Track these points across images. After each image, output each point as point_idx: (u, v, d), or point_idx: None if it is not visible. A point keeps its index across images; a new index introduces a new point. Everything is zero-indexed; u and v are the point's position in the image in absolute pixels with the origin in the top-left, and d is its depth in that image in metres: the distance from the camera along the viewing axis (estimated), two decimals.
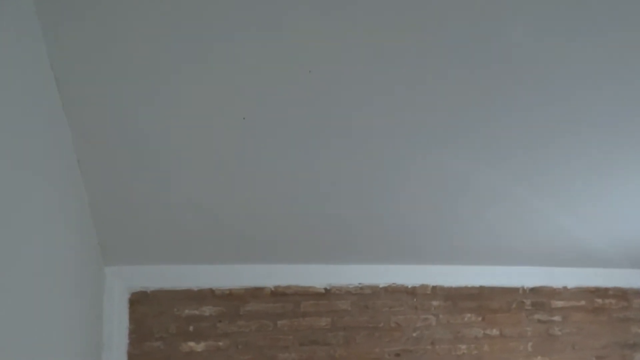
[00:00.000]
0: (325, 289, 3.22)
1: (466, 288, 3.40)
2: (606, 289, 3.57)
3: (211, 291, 3.05)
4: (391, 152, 2.20)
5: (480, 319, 3.38)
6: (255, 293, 3.08)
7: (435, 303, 3.35)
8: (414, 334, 3.27)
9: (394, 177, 2.43)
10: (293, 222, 2.72)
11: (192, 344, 2.97)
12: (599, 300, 3.57)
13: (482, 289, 3.43)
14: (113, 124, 1.83)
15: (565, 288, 3.59)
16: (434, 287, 3.37)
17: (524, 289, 3.49)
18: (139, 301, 2.93)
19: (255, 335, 3.07)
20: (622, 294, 3.60)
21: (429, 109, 1.99)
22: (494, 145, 2.21)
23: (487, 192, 2.59)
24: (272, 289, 3.15)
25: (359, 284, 3.27)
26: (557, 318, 3.55)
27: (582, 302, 3.54)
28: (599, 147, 2.32)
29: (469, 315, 3.36)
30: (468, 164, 2.34)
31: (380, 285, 3.28)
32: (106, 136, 1.88)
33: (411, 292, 3.35)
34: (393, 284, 3.28)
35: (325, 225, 2.79)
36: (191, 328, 2.97)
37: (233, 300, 3.04)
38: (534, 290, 3.54)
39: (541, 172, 2.46)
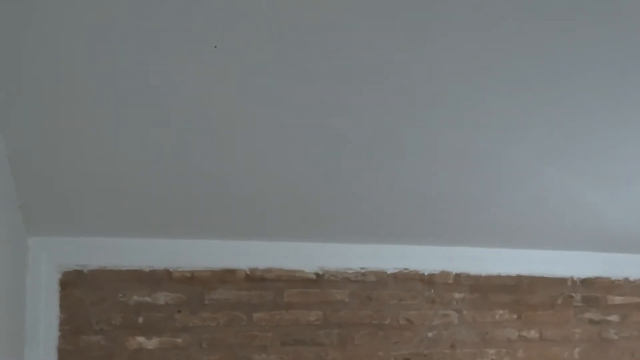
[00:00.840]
0: (317, 273, 3.03)
1: (499, 277, 3.27)
2: None
3: (167, 273, 2.89)
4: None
5: (515, 316, 3.28)
6: (225, 277, 2.91)
7: (458, 295, 3.20)
8: (430, 335, 3.15)
9: (411, 142, 2.40)
10: (275, 187, 2.56)
11: (141, 339, 2.83)
12: None
13: (519, 279, 3.31)
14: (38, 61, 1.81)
15: (626, 280, 3.49)
16: (457, 275, 3.21)
17: (573, 280, 3.41)
18: (73, 283, 2.78)
19: (224, 331, 2.92)
20: None
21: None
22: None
23: (526, 162, 2.62)
24: (247, 272, 2.96)
25: (361, 268, 3.09)
26: (613, 318, 3.46)
27: None
28: None
29: (501, 311, 3.26)
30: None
31: (388, 271, 3.10)
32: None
33: (428, 280, 3.18)
34: (404, 269, 3.12)
35: (319, 192, 2.63)
36: (141, 319, 2.83)
37: (196, 285, 2.88)
38: (586, 282, 3.43)
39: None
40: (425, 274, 3.24)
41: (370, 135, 2.36)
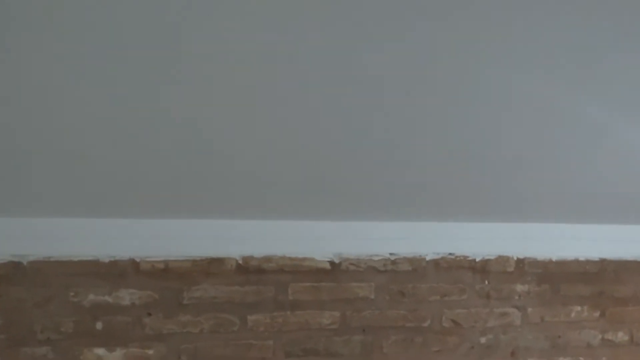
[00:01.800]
0: (332, 262, 2.58)
1: (577, 262, 2.91)
2: None
3: (133, 264, 2.44)
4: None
5: (597, 314, 2.95)
6: (210, 268, 2.48)
7: (521, 288, 2.80)
8: (483, 340, 2.77)
9: (468, 91, 1.99)
10: (275, 146, 2.11)
11: (100, 351, 2.39)
12: None
13: (603, 263, 2.95)
14: None
15: None
16: (519, 261, 2.82)
17: None
18: (9, 279, 2.36)
19: (210, 339, 2.48)
20: None
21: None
22: None
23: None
24: (240, 262, 2.50)
25: (390, 254, 2.64)
26: None
27: None
28: None
29: (578, 308, 2.90)
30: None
31: (427, 257, 2.68)
32: None
33: (480, 268, 2.75)
34: (449, 255, 2.70)
35: (336, 154, 2.18)
36: (99, 325, 2.40)
37: (172, 280, 2.46)
38: None
39: None
40: (477, 260, 2.80)
41: (412, 78, 1.92)
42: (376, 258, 2.62)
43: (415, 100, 1.99)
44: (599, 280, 2.91)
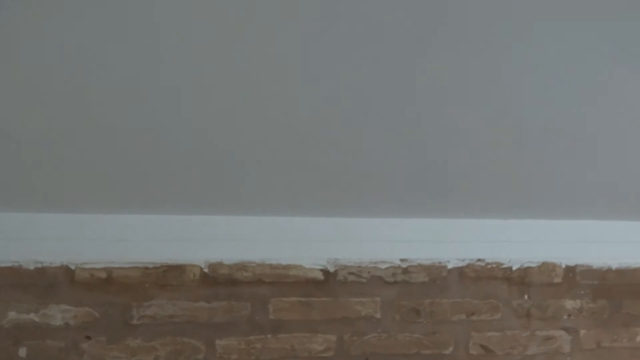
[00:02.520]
0: (325, 270, 2.13)
1: None
2: None
3: (67, 272, 2.01)
4: None
5: None
6: (168, 278, 2.05)
7: (571, 304, 2.38)
8: None
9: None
10: (256, 121, 1.73)
11: None
12: None
13: None
14: None
15: None
16: (569, 270, 2.39)
17: None
18: None
19: None
20: None
21: None
22: None
23: None
24: (205, 270, 2.05)
25: (401, 261, 2.19)
26: None
27: None
28: None
29: None
30: None
31: (449, 265, 2.22)
32: None
33: (518, 279, 2.33)
34: (478, 261, 2.24)
35: (333, 129, 1.78)
36: (23, 352, 1.99)
37: (117, 294, 2.04)
38: None
39: None
40: (514, 268, 2.32)
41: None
42: (383, 265, 2.17)
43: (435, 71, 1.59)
44: None
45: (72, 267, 2.00)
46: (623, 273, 2.43)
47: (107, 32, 1.45)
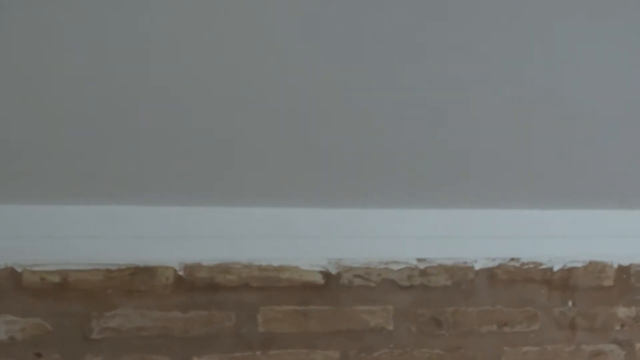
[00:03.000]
0: (326, 272, 1.81)
1: None
2: None
3: (13, 275, 1.68)
4: None
5: None
6: (134, 282, 1.74)
7: (625, 312, 2.00)
8: None
9: None
10: (241, 87, 1.40)
11: None
12: None
13: None
14: None
15: None
16: (622, 271, 2.02)
17: None
18: None
19: None
20: None
21: None
22: None
23: None
24: (180, 273, 1.73)
25: (418, 260, 1.87)
26: None
27: None
28: None
29: None
30: None
31: (476, 265, 1.88)
32: None
33: (560, 282, 2.00)
34: (511, 261, 1.92)
35: (333, 101, 1.45)
36: None
37: (74, 301, 1.72)
38: None
39: None
40: (556, 268, 1.97)
41: None
42: (396, 266, 1.84)
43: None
44: None
45: (19, 270, 1.69)
46: None
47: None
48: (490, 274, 1.94)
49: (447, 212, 1.82)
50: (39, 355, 1.69)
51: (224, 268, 1.76)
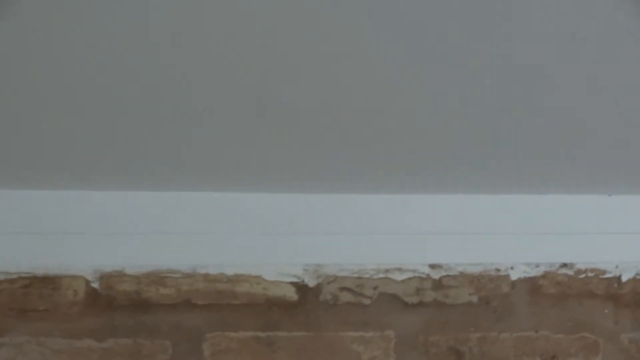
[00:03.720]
0: (300, 284, 1.33)
1: None
2: None
3: None
4: None
5: None
6: (30, 298, 1.26)
7: None
8: None
9: None
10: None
11: None
12: None
13: None
14: None
15: None
16: None
17: None
18: None
19: None
20: None
21: None
22: None
23: None
24: (94, 284, 1.26)
25: (431, 266, 1.38)
26: None
27: None
28: None
29: None
30: None
31: (513, 274, 1.35)
32: None
33: (631, 298, 1.39)
34: (561, 267, 1.39)
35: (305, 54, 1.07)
36: None
37: None
38: None
39: None
40: (625, 278, 1.42)
41: None
42: (400, 276, 1.32)
43: None
44: None
45: None
46: None
47: None
48: (533, 287, 1.40)
49: (471, 197, 1.32)
50: None
51: (157, 278, 1.28)
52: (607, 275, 1.41)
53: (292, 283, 1.31)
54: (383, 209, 1.32)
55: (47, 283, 1.25)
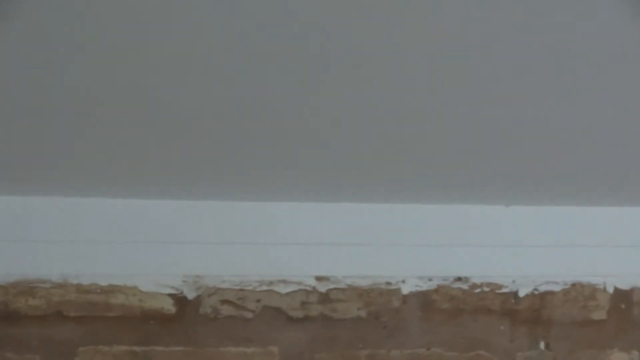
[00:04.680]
0: (179, 295, 1.23)
1: None
2: None
3: None
4: None
5: None
6: None
7: (624, 359, 1.37)
8: None
9: None
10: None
11: None
12: None
13: None
14: None
15: None
16: (619, 296, 1.33)
17: None
18: None
19: None
20: None
21: None
22: None
23: None
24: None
25: (317, 278, 1.26)
26: None
27: None
28: None
29: None
30: None
31: (404, 287, 1.26)
32: None
33: (529, 313, 1.33)
34: (455, 281, 1.29)
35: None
36: None
37: None
38: None
39: None
40: (522, 293, 1.37)
41: None
42: (284, 288, 1.25)
43: None
44: None
45: None
46: None
47: None
48: (425, 301, 1.33)
49: (360, 206, 1.26)
50: None
51: (26, 288, 1.21)
52: (503, 290, 1.34)
53: (170, 295, 1.25)
54: (267, 217, 1.27)
55: None
